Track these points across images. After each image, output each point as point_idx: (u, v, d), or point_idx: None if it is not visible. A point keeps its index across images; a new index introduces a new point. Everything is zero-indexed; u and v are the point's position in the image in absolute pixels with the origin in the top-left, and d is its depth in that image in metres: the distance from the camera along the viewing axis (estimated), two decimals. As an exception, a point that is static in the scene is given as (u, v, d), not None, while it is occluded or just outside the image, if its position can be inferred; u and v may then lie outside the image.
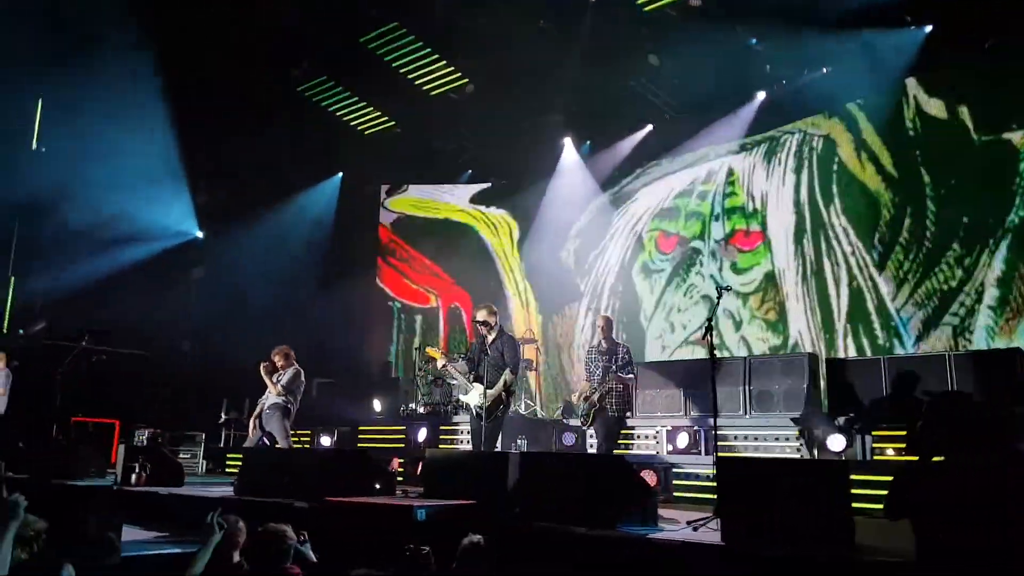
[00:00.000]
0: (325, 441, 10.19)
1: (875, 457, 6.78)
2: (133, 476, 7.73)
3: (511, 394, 7.28)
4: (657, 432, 8.22)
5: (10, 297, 12.66)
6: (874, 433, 6.94)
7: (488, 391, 6.91)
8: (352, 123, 12.82)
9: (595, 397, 7.52)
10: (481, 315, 7.25)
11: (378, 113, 12.58)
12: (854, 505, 4.29)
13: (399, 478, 8.85)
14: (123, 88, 11.37)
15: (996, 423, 2.83)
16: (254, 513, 4.64)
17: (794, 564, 3.90)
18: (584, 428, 7.98)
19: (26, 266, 12.80)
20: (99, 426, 11.21)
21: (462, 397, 7.46)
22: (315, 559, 4.32)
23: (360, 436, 10.33)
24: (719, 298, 5.96)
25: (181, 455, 10.38)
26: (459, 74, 11.40)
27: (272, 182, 13.83)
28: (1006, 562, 2.56)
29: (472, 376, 7.11)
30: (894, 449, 6.72)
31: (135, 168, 12.64)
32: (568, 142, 12.50)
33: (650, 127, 11.89)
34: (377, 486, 6.42)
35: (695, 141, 11.58)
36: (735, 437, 7.64)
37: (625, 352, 7.69)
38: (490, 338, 7.17)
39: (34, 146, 13.04)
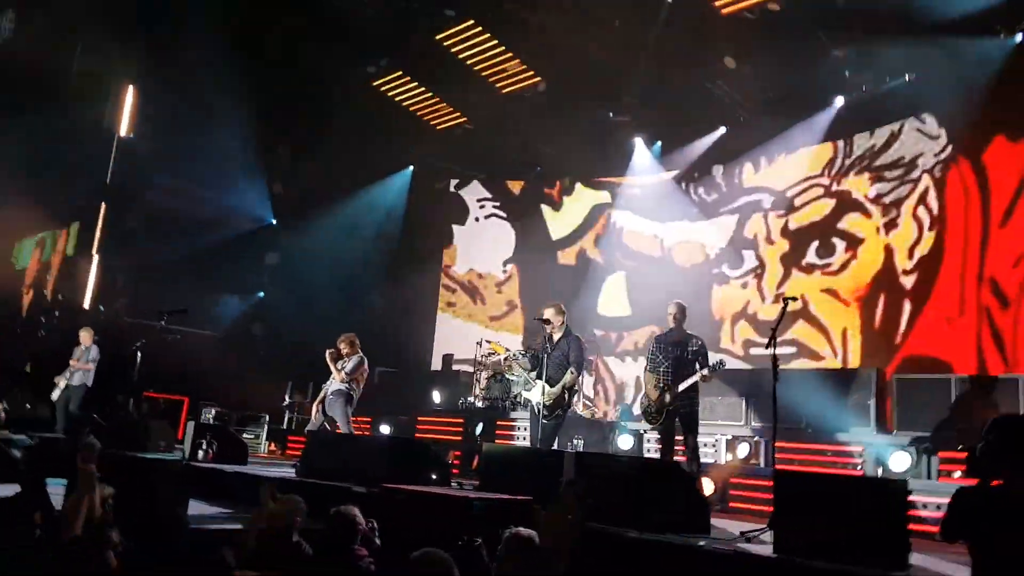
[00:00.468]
0: (384, 429, 10.45)
1: (940, 479, 6.59)
2: (200, 452, 8.08)
3: (573, 394, 7.31)
4: (716, 440, 8.15)
5: (93, 275, 13.37)
6: (940, 455, 6.74)
7: (550, 389, 6.94)
8: (425, 118, 13.02)
9: (666, 397, 6.67)
10: (547, 313, 7.29)
11: (451, 109, 12.74)
12: (913, 527, 4.21)
13: (454, 470, 9.04)
14: (208, 79, 11.87)
15: None
16: (315, 496, 4.81)
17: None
18: (654, 429, 7.11)
19: (110, 246, 13.51)
20: (169, 402, 11.76)
21: (524, 394, 7.50)
22: (379, 544, 4.47)
23: (418, 426, 10.56)
24: (784, 309, 5.87)
25: (245, 435, 10.80)
26: (531, 72, 11.46)
27: (346, 173, 14.22)
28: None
29: (535, 373, 7.15)
30: (961, 472, 6.52)
31: (217, 156, 13.22)
32: (639, 142, 12.40)
33: (723, 129, 11.73)
34: (433, 476, 6.57)
35: (770, 145, 11.38)
36: (798, 451, 7.52)
37: (698, 344, 6.83)
38: (556, 336, 7.21)
39: (122, 132, 13.73)
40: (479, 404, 10.59)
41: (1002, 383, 7.14)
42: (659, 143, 12.36)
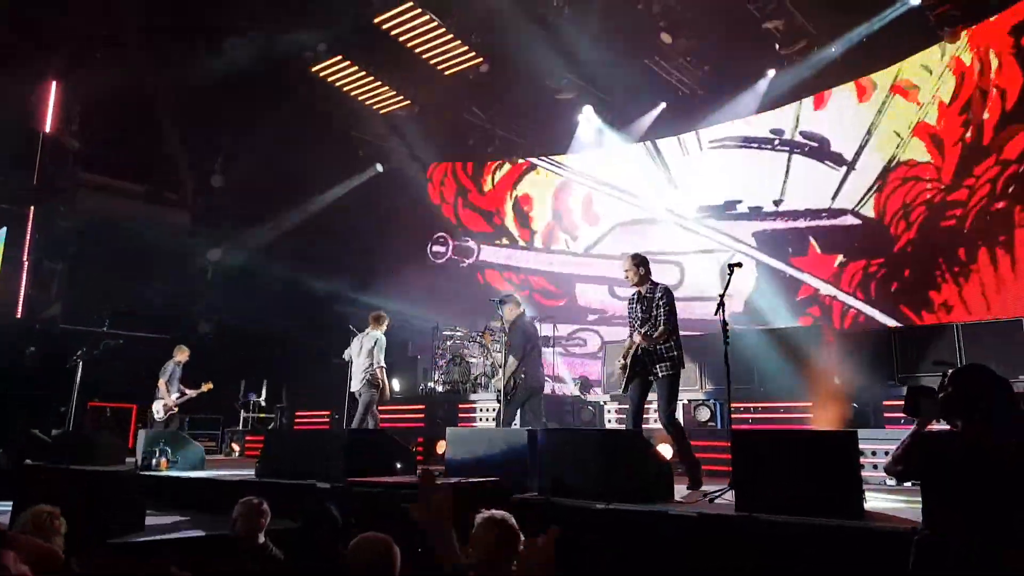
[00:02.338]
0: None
1: (887, 427, 6.85)
2: (153, 460, 7.88)
3: (519, 379, 7.46)
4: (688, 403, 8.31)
5: (23, 283, 12.80)
6: (885, 403, 7.01)
7: (500, 374, 7.28)
8: (368, 103, 12.79)
9: (628, 358, 6.10)
10: (504, 309, 7.71)
11: (393, 92, 12.53)
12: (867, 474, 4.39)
13: (419, 457, 9.03)
14: (137, 71, 11.44)
15: (1015, 400, 2.90)
16: (276, 495, 4.75)
17: (805, 532, 4.00)
18: (623, 394, 6.43)
19: (41, 250, 12.94)
20: (117, 411, 11.40)
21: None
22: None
23: (380, 416, 10.48)
24: (731, 275, 6.00)
25: (200, 438, 10.58)
26: (472, 53, 11.37)
27: (288, 162, 13.86)
28: (1008, 535, 2.64)
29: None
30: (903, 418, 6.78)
31: (149, 151, 12.77)
32: (585, 117, 12.48)
33: (663, 104, 11.92)
34: (399, 465, 6.54)
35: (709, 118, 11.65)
36: (747, 410, 7.73)
37: (663, 295, 6.18)
38: (508, 324, 7.68)
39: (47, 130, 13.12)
40: (440, 389, 10.58)
41: (936, 330, 7.44)
42: (603, 119, 12.48)
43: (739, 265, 6.11)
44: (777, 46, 10.24)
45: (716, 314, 5.98)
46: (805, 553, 3.97)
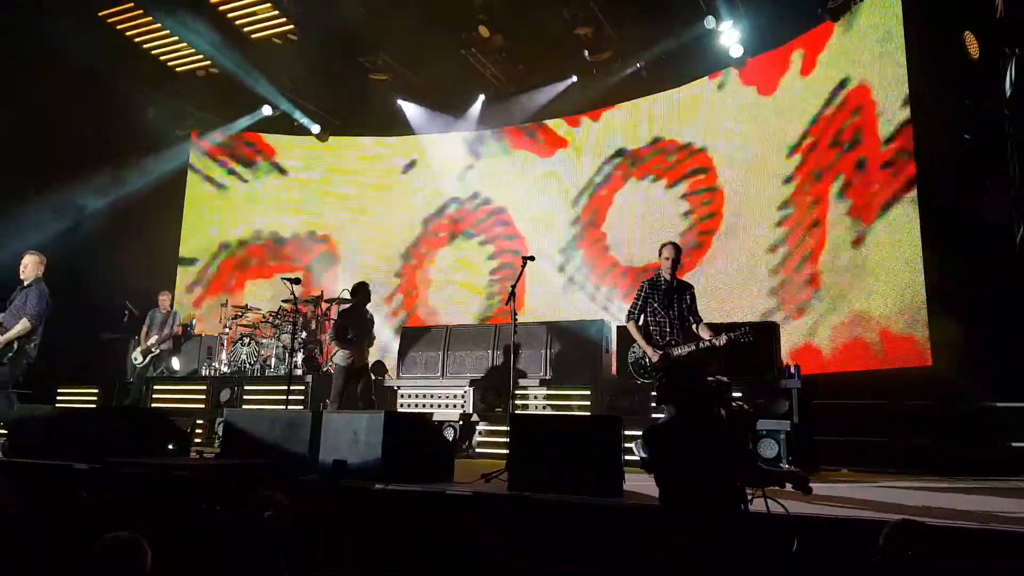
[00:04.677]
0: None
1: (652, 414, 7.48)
2: None
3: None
4: (465, 392, 8.50)
5: None
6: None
7: None
8: (162, 59, 11.78)
9: (674, 352, 5.74)
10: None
11: (192, 51, 11.62)
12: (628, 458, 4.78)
13: (197, 439, 8.54)
14: None
15: (711, 389, 3.38)
16: (28, 476, 4.31)
17: (571, 510, 4.28)
18: (647, 382, 6.05)
19: None
20: None
21: None
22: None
23: (156, 395, 9.76)
24: (523, 267, 6.25)
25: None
26: (284, 19, 10.84)
27: (72, 119, 12.36)
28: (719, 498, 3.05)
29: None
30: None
31: None
32: (400, 100, 12.37)
33: (482, 97, 12.14)
34: (171, 447, 6.15)
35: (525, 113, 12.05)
36: (535, 397, 8.10)
37: (692, 293, 6.16)
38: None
39: None
40: (225, 370, 10.03)
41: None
42: (419, 104, 12.45)
43: (532, 258, 6.38)
44: (586, 53, 10.81)
45: (507, 304, 6.23)
46: (570, 529, 4.25)
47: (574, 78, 11.33)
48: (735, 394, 6.71)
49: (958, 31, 7.92)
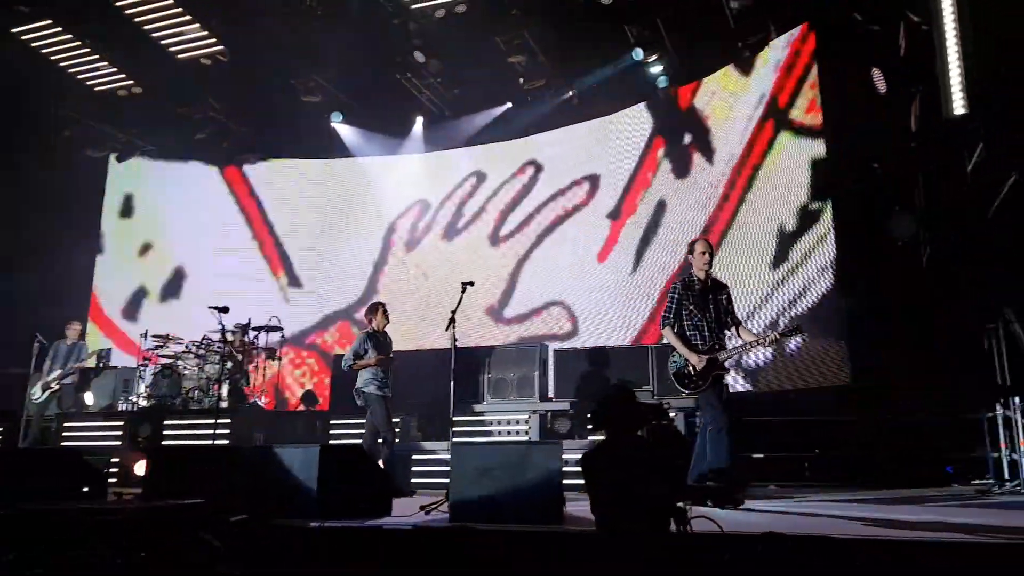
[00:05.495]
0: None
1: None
2: None
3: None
4: (403, 419, 8.38)
5: None
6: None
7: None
8: (81, 78, 11.26)
9: (719, 357, 5.51)
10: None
11: (114, 69, 11.17)
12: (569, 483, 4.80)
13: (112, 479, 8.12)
14: None
15: (640, 413, 3.52)
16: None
17: (512, 537, 4.24)
18: (692, 395, 5.76)
19: None
20: None
21: None
22: None
23: (67, 432, 9.22)
24: (463, 292, 6.23)
25: None
26: (213, 39, 10.58)
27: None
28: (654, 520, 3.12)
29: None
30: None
31: None
32: (335, 123, 12.20)
33: (421, 119, 12.15)
34: (85, 489, 5.80)
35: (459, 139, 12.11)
36: (475, 423, 8.05)
37: (727, 290, 5.85)
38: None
39: None
40: (144, 403, 9.55)
41: (634, 352, 8.35)
42: (354, 127, 12.31)
43: (471, 283, 6.38)
44: (521, 80, 10.95)
45: (447, 329, 6.20)
46: (513, 558, 4.21)
47: (509, 104, 11.44)
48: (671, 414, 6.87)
49: (868, 67, 8.41)
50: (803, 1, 9.34)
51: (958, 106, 6.49)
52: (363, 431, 7.08)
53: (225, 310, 7.78)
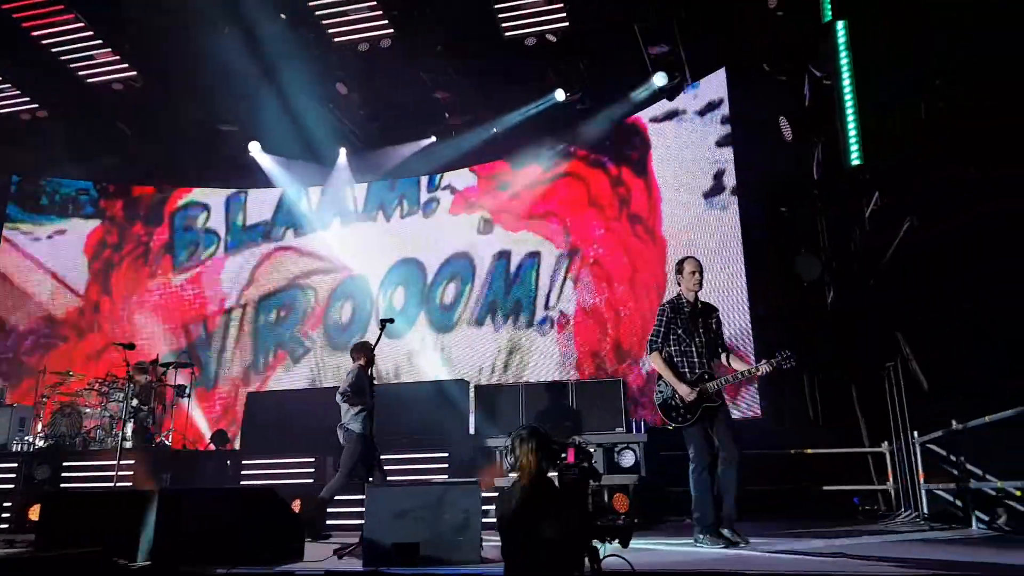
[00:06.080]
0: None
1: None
2: None
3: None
4: (314, 460, 8.16)
5: None
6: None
7: None
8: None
9: (710, 387, 5.06)
10: None
11: (17, 91, 10.69)
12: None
13: (4, 524, 7.63)
14: None
15: (551, 452, 3.59)
16: None
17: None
18: (680, 428, 5.16)
19: None
20: None
21: None
22: None
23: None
24: (382, 330, 6.18)
25: None
26: (126, 64, 10.28)
27: None
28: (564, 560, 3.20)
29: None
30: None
31: None
32: (255, 153, 11.98)
33: (343, 150, 12.06)
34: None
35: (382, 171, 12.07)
36: (394, 462, 7.88)
37: (717, 314, 5.46)
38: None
39: None
40: (40, 443, 8.98)
41: (554, 387, 8.41)
42: (276, 156, 12.11)
43: (391, 320, 6.32)
44: (447, 115, 11.05)
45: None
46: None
47: (433, 138, 11.51)
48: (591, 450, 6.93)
49: (776, 115, 8.89)
50: (718, 49, 9.80)
51: (854, 157, 6.92)
52: (284, 471, 6.88)
53: (130, 347, 7.47)
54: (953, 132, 6.16)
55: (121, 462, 7.52)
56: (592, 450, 7.03)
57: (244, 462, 8.36)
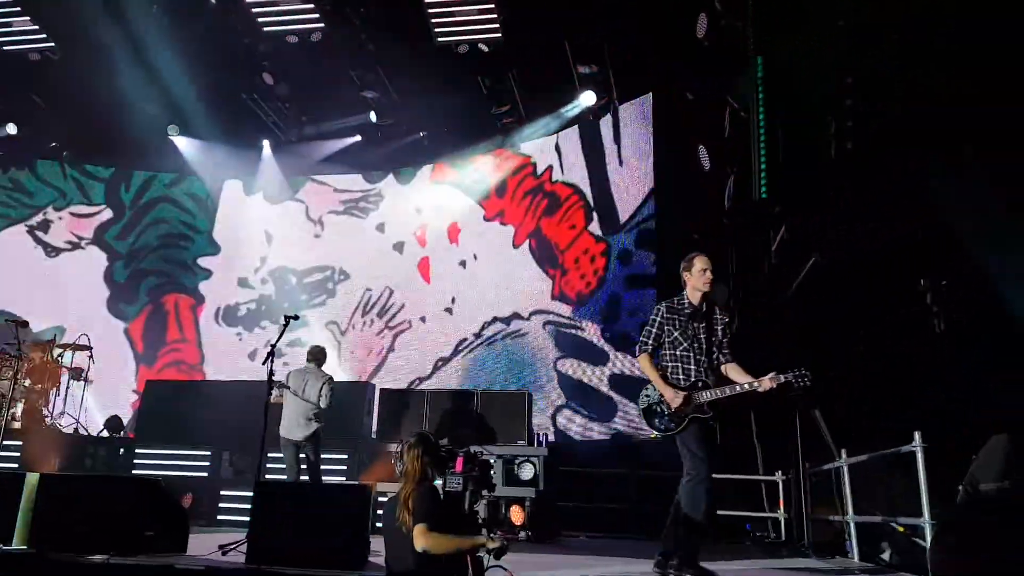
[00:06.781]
0: None
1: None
2: None
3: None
4: (225, 456, 7.97)
5: None
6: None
7: None
8: None
9: (701, 396, 4.52)
10: None
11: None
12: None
13: None
14: None
15: (438, 460, 3.61)
16: None
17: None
18: (665, 437, 4.62)
19: None
20: None
21: None
22: None
23: None
24: (285, 325, 6.09)
25: None
26: (44, 35, 9.82)
27: None
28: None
29: None
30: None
31: None
32: (173, 136, 11.60)
33: (267, 142, 11.81)
34: None
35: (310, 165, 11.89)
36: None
37: (725, 320, 4.86)
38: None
39: None
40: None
41: (459, 394, 8.43)
42: (195, 142, 11.77)
43: (295, 317, 6.23)
44: (373, 116, 10.96)
45: (264, 364, 6.02)
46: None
47: (359, 137, 11.41)
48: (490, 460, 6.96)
49: (696, 143, 9.18)
50: (645, 73, 10.03)
51: (763, 190, 7.19)
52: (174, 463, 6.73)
53: (24, 324, 7.14)
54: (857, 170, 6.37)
55: (6, 442, 7.18)
56: (492, 461, 7.06)
57: (138, 451, 8.08)
